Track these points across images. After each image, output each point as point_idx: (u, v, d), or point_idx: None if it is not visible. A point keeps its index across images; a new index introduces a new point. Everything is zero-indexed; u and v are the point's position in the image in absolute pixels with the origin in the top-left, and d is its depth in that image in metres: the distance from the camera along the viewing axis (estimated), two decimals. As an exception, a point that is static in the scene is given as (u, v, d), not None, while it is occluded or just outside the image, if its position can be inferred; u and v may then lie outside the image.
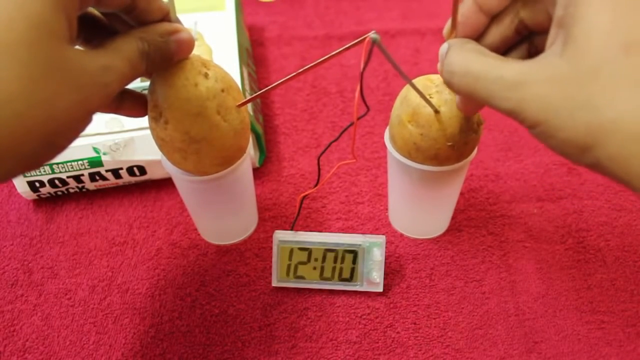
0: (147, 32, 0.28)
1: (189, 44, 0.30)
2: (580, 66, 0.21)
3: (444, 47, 0.28)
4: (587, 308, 0.37)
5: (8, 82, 0.20)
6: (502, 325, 0.37)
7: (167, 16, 0.29)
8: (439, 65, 0.29)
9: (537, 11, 0.27)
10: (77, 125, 0.24)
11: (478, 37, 0.29)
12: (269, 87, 0.33)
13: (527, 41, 0.29)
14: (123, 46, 0.26)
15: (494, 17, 0.28)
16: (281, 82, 0.32)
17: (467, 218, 0.43)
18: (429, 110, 0.32)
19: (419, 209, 0.40)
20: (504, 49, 0.29)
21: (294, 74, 0.31)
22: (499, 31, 0.28)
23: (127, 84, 0.27)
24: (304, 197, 0.37)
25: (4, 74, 0.20)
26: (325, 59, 0.30)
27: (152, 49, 0.28)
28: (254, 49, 0.61)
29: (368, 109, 0.32)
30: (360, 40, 0.28)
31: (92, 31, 0.29)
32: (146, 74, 0.28)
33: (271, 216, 0.44)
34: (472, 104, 0.30)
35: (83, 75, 0.23)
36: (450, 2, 0.28)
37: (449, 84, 0.27)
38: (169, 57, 0.29)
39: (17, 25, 0.20)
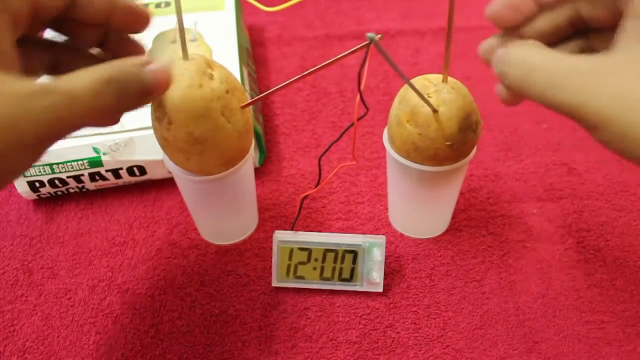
0: (118, 61, 0.25)
1: (167, 77, 0.27)
2: None
3: (490, 39, 0.27)
4: (587, 308, 0.37)
5: None
6: (502, 325, 0.37)
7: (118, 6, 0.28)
8: (484, 52, 0.28)
9: (599, 5, 0.25)
10: (9, 163, 0.22)
11: (524, 24, 0.27)
12: (274, 88, 0.33)
13: (581, 37, 0.27)
14: (83, 72, 0.24)
15: (546, 5, 0.26)
16: (286, 84, 0.32)
17: (467, 218, 0.43)
18: (428, 109, 0.32)
19: (418, 209, 0.40)
20: (553, 42, 0.27)
21: (300, 75, 0.31)
22: (551, 20, 0.26)
23: (90, 115, 0.24)
24: (304, 198, 0.37)
25: None
26: (331, 62, 0.30)
27: (123, 77, 0.25)
28: (254, 49, 0.61)
29: (367, 109, 0.32)
30: (364, 45, 0.28)
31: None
32: (121, 109, 0.26)
33: (271, 216, 0.44)
34: (518, 96, 0.28)
35: (18, 97, 0.21)
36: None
37: (501, 74, 0.25)
38: (146, 89, 0.26)
39: None
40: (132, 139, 0.43)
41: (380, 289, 0.38)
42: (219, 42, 0.52)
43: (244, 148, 0.35)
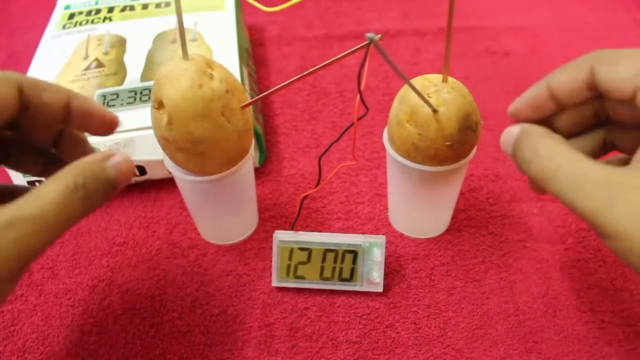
0: (78, 162, 0.25)
1: (129, 166, 0.26)
2: None
3: (514, 129, 0.27)
4: (587, 308, 0.37)
5: None
6: (502, 325, 0.37)
7: (73, 101, 0.27)
8: (506, 146, 0.28)
9: (624, 105, 0.25)
10: None
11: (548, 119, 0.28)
12: (274, 88, 0.33)
13: (603, 129, 0.27)
14: (46, 189, 0.23)
15: (567, 106, 0.27)
16: (286, 85, 0.32)
17: (467, 218, 0.43)
18: (428, 110, 0.32)
19: (418, 209, 0.40)
20: (575, 131, 0.28)
21: (299, 75, 0.31)
22: (574, 117, 0.27)
23: (62, 229, 0.24)
24: (304, 198, 0.37)
25: None
26: (331, 62, 0.30)
27: (89, 180, 0.24)
28: (254, 49, 0.61)
29: (367, 109, 0.32)
30: (364, 45, 0.28)
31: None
32: (91, 210, 0.25)
33: (271, 216, 0.44)
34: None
35: None
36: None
37: (522, 169, 0.26)
38: (113, 184, 0.25)
39: None
40: (132, 139, 0.43)
41: (380, 289, 0.38)
42: (219, 42, 0.52)
43: (244, 148, 0.35)
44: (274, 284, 0.38)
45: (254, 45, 0.62)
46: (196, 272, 0.40)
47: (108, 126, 0.29)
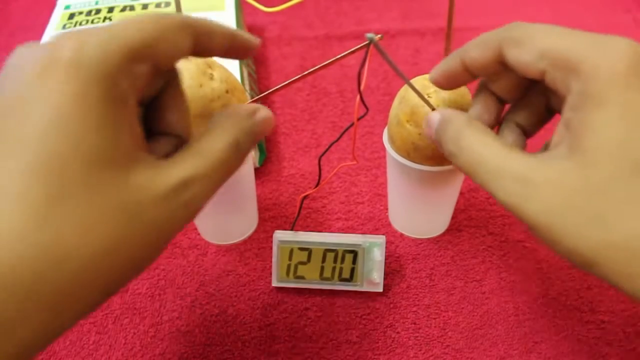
0: (232, 117, 0.24)
1: (271, 123, 0.26)
2: (589, 178, 0.21)
3: (435, 116, 0.27)
4: (587, 308, 0.37)
5: (66, 237, 0.17)
6: (502, 325, 0.37)
7: (233, 39, 0.25)
8: (428, 130, 0.28)
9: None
10: (150, 260, 0.21)
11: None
12: (273, 89, 0.33)
13: (543, 93, 0.27)
14: (213, 144, 0.22)
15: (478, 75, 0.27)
16: (286, 85, 0.32)
17: (467, 218, 0.43)
18: (428, 109, 0.32)
19: (418, 209, 0.40)
20: (516, 96, 0.28)
21: (299, 76, 0.31)
22: (506, 80, 0.27)
23: (219, 187, 0.23)
24: (304, 198, 0.37)
25: (61, 228, 0.17)
26: (330, 62, 0.30)
27: (245, 136, 0.24)
28: (254, 49, 0.61)
29: (367, 109, 0.32)
30: (364, 46, 0.28)
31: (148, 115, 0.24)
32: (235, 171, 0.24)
33: (271, 216, 0.44)
34: None
35: (153, 205, 0.19)
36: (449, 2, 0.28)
37: (451, 158, 0.26)
38: (258, 139, 0.25)
39: (73, 169, 0.18)
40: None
41: (380, 289, 0.38)
42: (219, 42, 0.52)
43: None
44: (274, 284, 0.38)
45: (254, 45, 0.62)
46: (196, 272, 0.40)
47: (254, 46, 0.26)
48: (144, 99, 0.23)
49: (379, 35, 0.28)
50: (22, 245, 0.17)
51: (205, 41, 0.23)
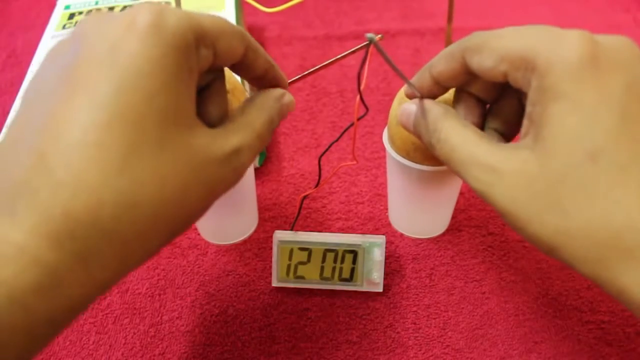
0: (268, 98, 0.27)
1: (293, 105, 0.29)
2: (548, 168, 0.22)
3: (410, 107, 0.29)
4: (587, 308, 0.37)
5: (142, 185, 0.19)
6: (502, 325, 0.37)
7: (270, 69, 0.27)
8: (405, 120, 0.29)
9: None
10: (200, 215, 0.23)
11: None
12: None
13: (515, 91, 0.28)
14: (255, 120, 0.25)
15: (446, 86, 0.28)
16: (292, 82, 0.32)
17: (467, 218, 0.43)
18: None
19: (418, 209, 0.40)
20: (493, 96, 0.28)
21: (299, 76, 0.31)
22: (479, 84, 0.28)
23: (253, 161, 0.25)
24: (304, 198, 0.37)
25: (138, 177, 0.19)
26: (330, 62, 0.30)
27: (277, 116, 0.27)
28: (254, 49, 0.61)
29: (367, 109, 0.32)
30: (364, 46, 0.28)
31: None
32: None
33: (271, 216, 0.44)
34: None
35: (211, 165, 0.22)
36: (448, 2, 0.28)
37: (429, 148, 0.27)
38: (283, 119, 0.28)
39: (147, 124, 0.19)
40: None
41: (380, 289, 0.38)
42: (219, 42, 0.52)
43: None
44: (274, 284, 0.38)
45: (254, 45, 0.62)
46: (196, 272, 0.40)
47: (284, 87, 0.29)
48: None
49: (379, 35, 0.28)
50: (102, 189, 0.18)
51: (251, 57, 0.25)
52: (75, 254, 0.18)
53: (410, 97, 0.30)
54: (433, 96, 0.29)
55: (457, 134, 0.26)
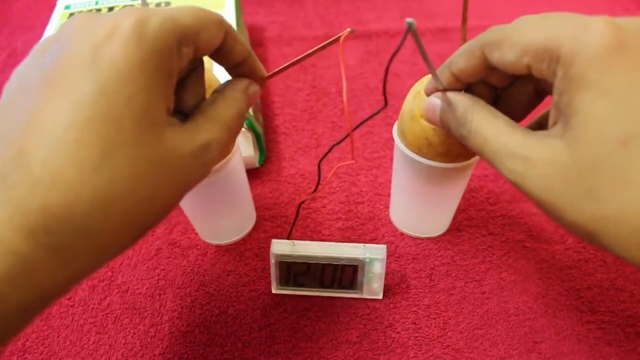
0: (236, 90, 0.27)
1: (259, 95, 0.29)
2: (580, 156, 0.22)
3: (435, 101, 0.29)
4: (587, 308, 0.37)
5: (117, 183, 0.20)
6: (502, 325, 0.37)
7: (248, 57, 0.27)
8: (431, 115, 0.29)
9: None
10: (171, 209, 0.24)
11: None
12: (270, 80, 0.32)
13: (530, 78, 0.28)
14: (224, 112, 0.25)
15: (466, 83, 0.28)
16: (276, 72, 0.31)
17: (467, 218, 0.43)
18: None
19: (422, 207, 0.40)
20: (507, 83, 0.28)
21: (277, 69, 0.30)
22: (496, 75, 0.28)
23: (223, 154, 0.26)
24: (301, 204, 0.37)
25: (114, 174, 0.20)
26: (308, 54, 0.29)
27: (245, 107, 0.27)
28: (254, 49, 0.61)
29: (386, 103, 0.32)
30: (335, 39, 0.27)
31: None
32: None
33: (271, 216, 0.44)
34: None
35: (182, 161, 0.23)
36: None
37: (461, 140, 0.27)
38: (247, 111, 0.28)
39: (125, 124, 0.20)
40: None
41: (380, 297, 0.38)
42: (219, 42, 0.52)
43: None
44: (274, 291, 0.38)
45: (254, 45, 0.62)
46: (196, 272, 0.40)
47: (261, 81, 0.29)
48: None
49: (349, 30, 0.27)
50: (79, 186, 0.19)
51: (230, 44, 0.26)
52: (49, 246, 0.19)
53: (430, 92, 0.30)
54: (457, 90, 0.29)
55: (489, 124, 0.25)
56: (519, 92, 0.28)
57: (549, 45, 0.23)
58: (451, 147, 0.33)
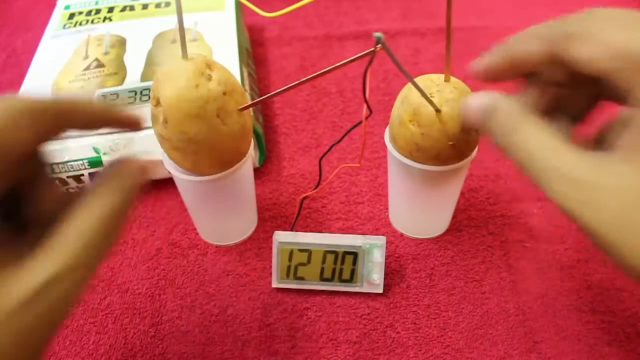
0: (121, 174, 0.22)
1: (150, 172, 0.24)
2: None
3: (482, 100, 0.25)
4: (587, 308, 0.37)
5: None
6: (502, 325, 0.37)
7: (103, 114, 0.22)
8: (473, 114, 0.26)
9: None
10: None
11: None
12: (273, 93, 0.33)
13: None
14: (77, 229, 0.19)
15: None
16: (287, 89, 0.32)
17: (467, 218, 0.43)
18: (431, 109, 0.32)
19: (419, 209, 0.40)
20: (565, 82, 0.25)
21: (301, 80, 0.31)
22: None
23: (90, 278, 0.20)
24: (303, 199, 0.37)
25: None
26: (336, 67, 0.29)
27: (135, 191, 0.21)
28: (254, 49, 0.61)
29: (371, 111, 0.32)
30: (368, 53, 0.27)
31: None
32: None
33: (271, 216, 0.44)
34: None
35: (17, 314, 0.17)
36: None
37: (499, 149, 0.24)
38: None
39: None
40: (132, 139, 0.43)
41: (381, 290, 0.38)
42: (219, 42, 0.52)
43: (240, 150, 0.35)
44: (274, 285, 0.38)
45: (254, 45, 0.62)
46: (196, 272, 0.40)
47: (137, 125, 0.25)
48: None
49: (380, 45, 0.27)
50: None
51: (63, 124, 0.20)
52: None
53: (476, 74, 0.26)
54: (498, 79, 0.26)
55: (538, 138, 0.22)
56: (577, 97, 0.25)
57: None
58: (441, 151, 0.33)
